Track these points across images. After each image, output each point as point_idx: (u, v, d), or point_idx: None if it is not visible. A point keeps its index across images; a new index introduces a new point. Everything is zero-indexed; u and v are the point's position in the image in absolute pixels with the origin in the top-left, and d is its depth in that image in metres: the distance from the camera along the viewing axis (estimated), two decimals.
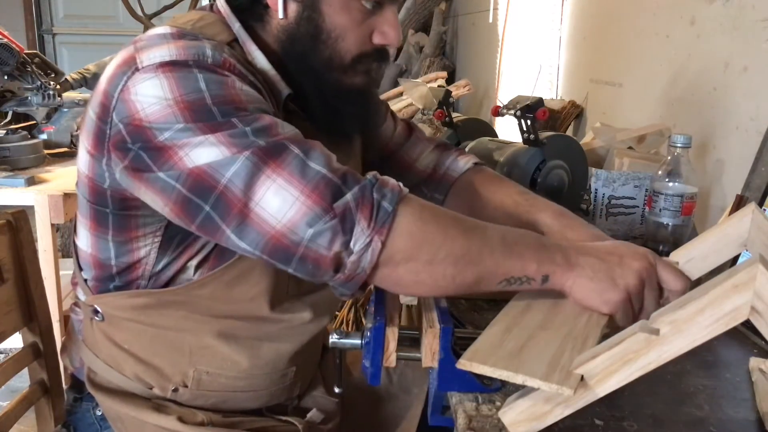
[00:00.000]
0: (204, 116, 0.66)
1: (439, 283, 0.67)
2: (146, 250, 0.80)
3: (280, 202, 0.64)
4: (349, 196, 0.64)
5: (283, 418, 0.90)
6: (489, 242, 0.67)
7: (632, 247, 0.70)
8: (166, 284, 0.81)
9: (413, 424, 1.01)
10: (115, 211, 0.78)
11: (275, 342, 0.86)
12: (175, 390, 0.84)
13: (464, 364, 0.59)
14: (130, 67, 0.70)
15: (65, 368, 0.97)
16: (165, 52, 0.69)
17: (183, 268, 0.80)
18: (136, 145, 0.68)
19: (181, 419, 0.82)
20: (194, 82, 0.68)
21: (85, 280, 0.85)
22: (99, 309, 0.84)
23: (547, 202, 0.88)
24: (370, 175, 0.68)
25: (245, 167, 0.65)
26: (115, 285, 0.83)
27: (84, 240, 0.83)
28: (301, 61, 0.79)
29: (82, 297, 0.87)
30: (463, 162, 1.01)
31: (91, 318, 0.85)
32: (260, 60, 0.79)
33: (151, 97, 0.67)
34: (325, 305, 0.90)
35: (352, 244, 0.64)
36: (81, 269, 0.86)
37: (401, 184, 0.68)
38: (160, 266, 0.80)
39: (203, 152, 0.66)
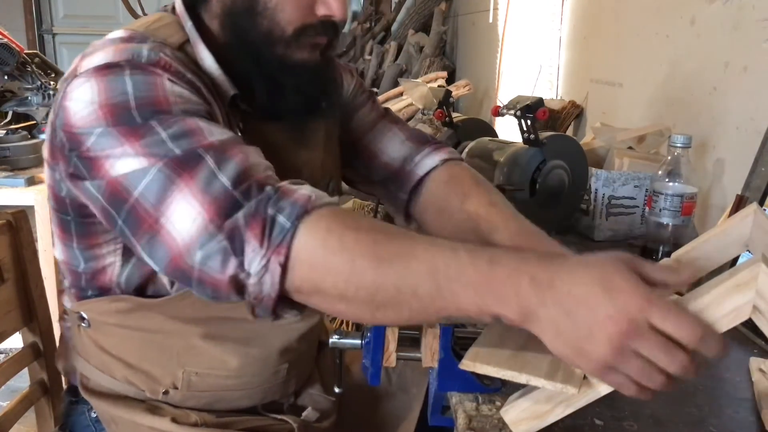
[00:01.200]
0: (124, 119, 0.65)
1: (364, 319, 0.61)
2: (110, 256, 0.79)
3: (185, 219, 0.61)
4: (240, 212, 0.60)
5: (279, 416, 0.89)
6: (410, 278, 0.56)
7: (616, 282, 0.51)
8: (141, 288, 0.81)
9: (412, 423, 1.01)
10: (77, 219, 0.78)
11: (264, 340, 0.85)
12: (166, 392, 0.84)
13: (467, 365, 0.59)
14: (72, 74, 0.71)
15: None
16: (102, 57, 0.69)
17: (155, 274, 0.79)
18: (73, 153, 0.69)
19: (174, 420, 0.82)
20: (122, 84, 0.67)
21: (68, 288, 0.86)
22: (85, 315, 0.84)
23: (511, 216, 0.81)
24: (275, 186, 0.62)
25: (158, 180, 0.63)
26: (93, 292, 0.83)
27: (57, 248, 0.83)
28: (242, 38, 0.77)
29: (68, 305, 0.87)
30: (433, 159, 0.92)
31: (78, 325, 0.85)
32: (208, 61, 0.78)
33: (81, 101, 0.67)
34: None
35: (246, 266, 0.59)
36: (64, 277, 0.86)
37: (314, 196, 0.61)
38: (126, 272, 0.80)
39: (123, 162, 0.65)
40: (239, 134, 0.74)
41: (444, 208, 0.86)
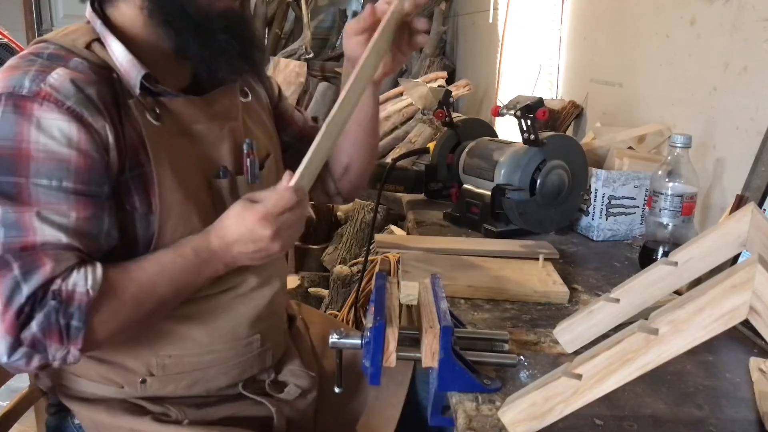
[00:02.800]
0: None
1: (141, 329, 0.81)
2: None
3: None
4: (34, 326, 0.71)
5: (258, 398, 0.92)
6: (165, 298, 0.80)
7: (246, 216, 0.79)
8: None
9: (397, 409, 1.01)
10: None
11: (229, 312, 0.89)
12: (143, 381, 0.86)
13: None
14: None
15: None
16: None
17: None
18: None
19: (155, 419, 0.84)
20: None
21: None
22: None
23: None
24: (57, 296, 0.72)
25: None
26: None
27: None
28: None
29: None
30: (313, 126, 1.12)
31: None
32: (117, 50, 0.81)
33: None
34: (270, 268, 0.92)
35: (50, 358, 0.73)
36: None
37: (91, 290, 0.73)
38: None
39: None
40: (155, 121, 0.80)
41: None
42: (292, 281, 2.40)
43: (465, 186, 1.36)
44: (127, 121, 0.79)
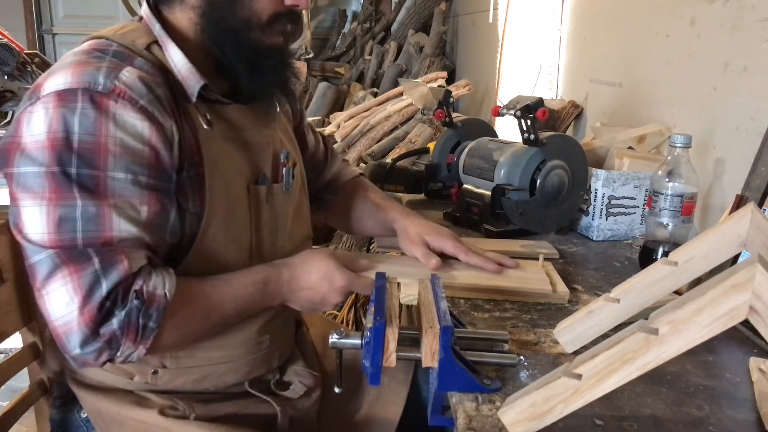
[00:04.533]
0: (60, 165, 0.73)
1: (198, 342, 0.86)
2: None
3: (60, 307, 0.73)
4: (115, 323, 0.74)
5: (264, 397, 0.93)
6: (227, 317, 0.84)
7: (334, 275, 0.88)
8: None
9: (399, 408, 1.02)
10: None
11: None
12: (155, 372, 0.87)
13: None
14: (35, 92, 0.76)
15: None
16: (61, 81, 0.75)
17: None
18: (2, 169, 0.75)
19: (161, 412, 0.85)
20: (71, 121, 0.73)
21: None
22: None
23: (397, 204, 1.14)
24: (138, 294, 0.75)
25: (48, 263, 0.73)
26: None
27: None
28: (221, 25, 0.84)
29: None
30: (349, 171, 1.21)
31: None
32: (176, 57, 0.83)
33: (34, 127, 0.74)
34: None
35: (118, 355, 0.76)
36: None
37: (168, 294, 0.77)
38: None
39: (31, 218, 0.74)
40: (206, 126, 0.83)
41: (357, 201, 1.17)
42: None
43: (465, 186, 1.36)
44: (185, 123, 0.82)
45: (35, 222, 0.73)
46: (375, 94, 3.53)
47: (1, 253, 0.95)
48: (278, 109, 0.98)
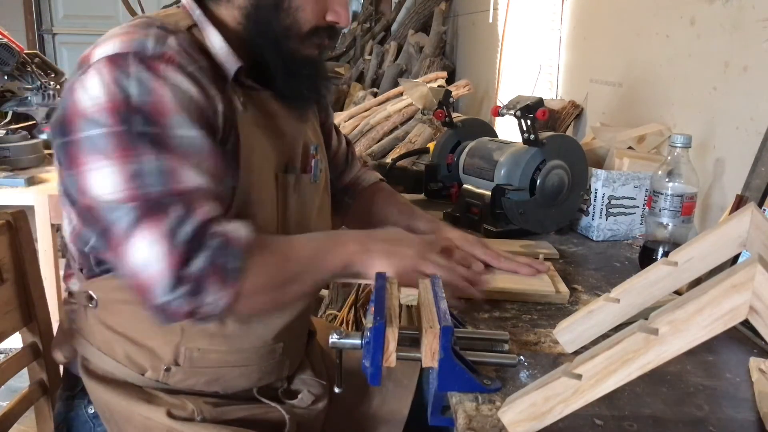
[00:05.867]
0: (122, 124, 0.73)
1: (275, 307, 0.84)
2: None
3: (144, 258, 0.73)
4: (200, 263, 0.73)
5: (272, 404, 0.93)
6: (303, 260, 0.82)
7: (409, 235, 0.90)
8: None
9: (404, 413, 1.03)
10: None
11: (263, 318, 0.90)
12: (168, 369, 0.87)
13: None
14: (84, 62, 0.77)
15: (59, 365, 0.98)
16: (110, 47, 0.76)
17: None
18: (61, 139, 0.76)
19: (170, 414, 0.85)
20: (126, 82, 0.74)
21: (80, 269, 0.89)
22: (93, 295, 0.87)
23: (421, 211, 1.13)
24: (217, 235, 0.75)
25: (127, 218, 0.73)
26: (102, 269, 0.86)
27: (66, 229, 0.88)
28: (263, 29, 0.87)
29: (75, 287, 0.91)
30: (370, 176, 1.21)
31: (85, 306, 0.88)
32: (215, 40, 0.85)
33: (89, 92, 0.75)
34: None
35: (204, 300, 0.74)
36: (72, 259, 0.90)
37: (244, 231, 0.77)
38: None
39: (100, 181, 0.74)
40: (240, 108, 0.84)
41: (379, 206, 1.16)
42: None
43: (465, 186, 1.36)
44: (225, 100, 0.83)
45: (108, 181, 0.74)
46: (375, 94, 3.53)
47: (1, 253, 0.95)
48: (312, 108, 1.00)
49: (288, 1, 0.86)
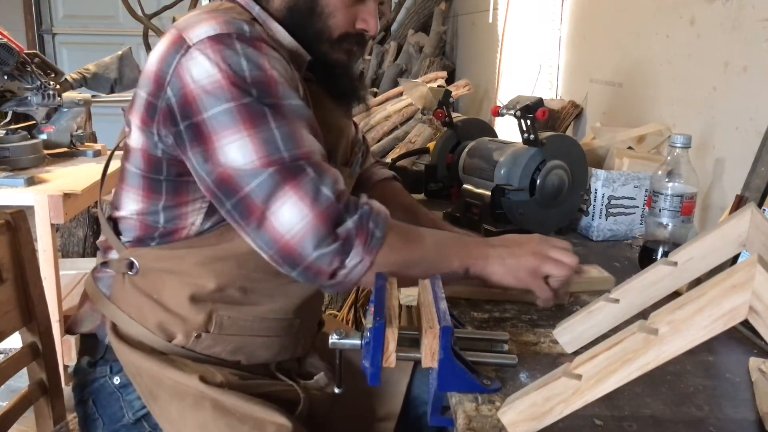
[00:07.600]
0: (243, 97, 0.77)
1: (401, 274, 0.83)
2: (194, 215, 0.88)
3: (292, 217, 0.76)
4: (350, 224, 0.78)
5: (289, 382, 0.95)
6: (429, 250, 0.85)
7: (525, 236, 0.91)
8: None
9: (396, 406, 1.04)
10: (170, 178, 0.86)
11: (285, 293, 0.94)
12: (198, 336, 0.89)
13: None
14: (181, 45, 0.79)
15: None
16: (209, 28, 0.79)
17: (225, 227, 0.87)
18: (184, 122, 0.79)
19: (203, 378, 0.86)
20: (237, 58, 0.78)
21: (126, 242, 0.91)
22: (135, 262, 0.89)
23: (429, 212, 1.15)
24: (364, 203, 0.81)
25: (267, 183, 0.76)
26: (156, 242, 0.90)
27: (130, 209, 0.90)
28: (295, 32, 0.91)
29: (114, 255, 0.92)
30: (382, 172, 1.23)
31: (123, 273, 0.90)
32: (282, 34, 0.90)
33: (200, 71, 0.78)
34: None
35: (347, 261, 0.78)
36: (119, 233, 0.92)
37: (388, 212, 0.83)
38: (204, 228, 0.89)
39: (235, 151, 0.77)
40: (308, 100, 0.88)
41: (396, 204, 1.14)
42: None
43: (465, 186, 1.36)
44: (301, 85, 0.87)
45: (242, 153, 0.77)
46: (375, 94, 3.53)
47: (1, 252, 0.95)
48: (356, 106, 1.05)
49: (321, 7, 0.90)
